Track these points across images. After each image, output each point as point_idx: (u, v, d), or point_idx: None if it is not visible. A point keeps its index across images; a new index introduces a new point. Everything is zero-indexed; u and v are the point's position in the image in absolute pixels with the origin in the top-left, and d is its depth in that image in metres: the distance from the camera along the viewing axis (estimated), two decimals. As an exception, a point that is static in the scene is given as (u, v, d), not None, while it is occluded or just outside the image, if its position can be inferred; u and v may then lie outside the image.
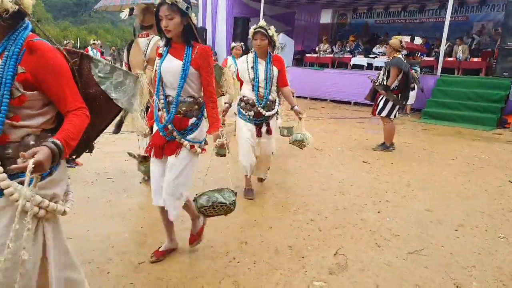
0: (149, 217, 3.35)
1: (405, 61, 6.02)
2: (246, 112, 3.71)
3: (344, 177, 4.75)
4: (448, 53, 12.10)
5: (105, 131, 1.92)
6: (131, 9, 3.77)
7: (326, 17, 18.31)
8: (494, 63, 11.06)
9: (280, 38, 4.32)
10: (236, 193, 2.36)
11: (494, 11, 13.77)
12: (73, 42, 12.58)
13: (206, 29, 16.48)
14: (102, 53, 15.58)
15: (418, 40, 12.19)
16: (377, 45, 14.18)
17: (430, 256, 2.89)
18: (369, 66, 13.01)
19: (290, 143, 3.93)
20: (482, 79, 10.65)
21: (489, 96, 9.74)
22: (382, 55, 13.25)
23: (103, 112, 1.76)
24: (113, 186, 4.08)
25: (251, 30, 3.56)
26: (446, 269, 2.70)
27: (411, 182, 4.68)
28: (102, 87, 1.67)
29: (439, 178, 4.92)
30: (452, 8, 10.84)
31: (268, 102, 3.66)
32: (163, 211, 2.56)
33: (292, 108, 3.74)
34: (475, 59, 11.81)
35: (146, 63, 3.71)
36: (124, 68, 2.56)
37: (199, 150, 2.51)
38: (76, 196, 3.92)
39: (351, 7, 17.41)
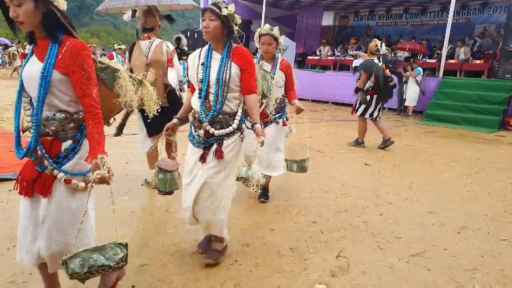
0: (151, 220, 3.36)
1: (379, 62, 6.25)
2: (195, 131, 2.57)
3: (346, 179, 4.74)
4: (450, 55, 12.10)
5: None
6: (133, 11, 3.77)
7: (327, 19, 18.35)
8: (496, 65, 11.06)
9: (282, 41, 3.94)
10: (126, 244, 1.82)
11: (496, 13, 13.77)
12: (95, 46, 11.59)
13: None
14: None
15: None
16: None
17: (433, 258, 2.87)
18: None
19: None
20: (484, 81, 10.65)
21: (491, 98, 9.73)
22: (384, 57, 13.24)
23: None
24: (115, 188, 4.08)
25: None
26: (449, 272, 2.69)
27: (413, 184, 4.67)
28: None
29: (442, 180, 4.91)
30: (454, 10, 10.83)
31: (219, 116, 2.46)
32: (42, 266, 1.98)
33: (252, 126, 2.50)
34: (477, 61, 11.80)
35: (148, 65, 3.72)
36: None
37: (81, 184, 1.82)
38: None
39: (353, 9, 17.45)
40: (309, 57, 15.49)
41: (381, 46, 6.34)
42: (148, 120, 2.59)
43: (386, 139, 6.49)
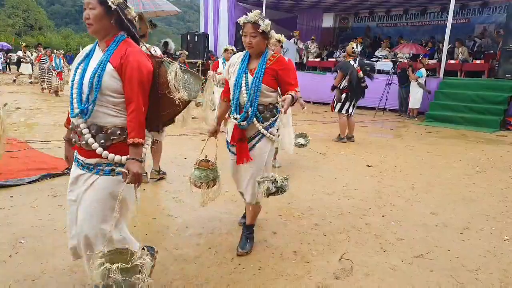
0: (154, 224, 3.36)
1: (354, 64, 6.79)
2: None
3: (348, 181, 4.74)
4: (450, 56, 12.10)
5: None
6: None
7: (328, 21, 18.33)
8: (497, 65, 11.06)
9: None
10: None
11: (495, 13, 13.77)
12: (186, 53, 10.40)
13: (208, 35, 16.56)
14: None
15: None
16: (379, 49, 14.20)
17: (436, 259, 2.87)
18: (371, 70, 13.01)
19: None
20: (484, 81, 10.65)
21: (492, 98, 9.73)
22: (384, 58, 13.26)
23: None
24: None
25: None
26: (452, 273, 2.69)
27: (415, 185, 4.67)
28: None
29: (443, 181, 4.90)
30: (454, 10, 10.84)
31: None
32: None
33: None
34: (478, 61, 11.80)
35: None
36: None
37: None
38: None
39: (353, 11, 17.46)
40: (310, 59, 15.49)
41: (357, 47, 6.94)
42: None
43: (350, 136, 7.16)
